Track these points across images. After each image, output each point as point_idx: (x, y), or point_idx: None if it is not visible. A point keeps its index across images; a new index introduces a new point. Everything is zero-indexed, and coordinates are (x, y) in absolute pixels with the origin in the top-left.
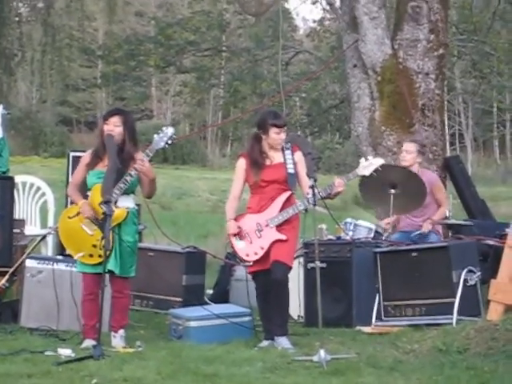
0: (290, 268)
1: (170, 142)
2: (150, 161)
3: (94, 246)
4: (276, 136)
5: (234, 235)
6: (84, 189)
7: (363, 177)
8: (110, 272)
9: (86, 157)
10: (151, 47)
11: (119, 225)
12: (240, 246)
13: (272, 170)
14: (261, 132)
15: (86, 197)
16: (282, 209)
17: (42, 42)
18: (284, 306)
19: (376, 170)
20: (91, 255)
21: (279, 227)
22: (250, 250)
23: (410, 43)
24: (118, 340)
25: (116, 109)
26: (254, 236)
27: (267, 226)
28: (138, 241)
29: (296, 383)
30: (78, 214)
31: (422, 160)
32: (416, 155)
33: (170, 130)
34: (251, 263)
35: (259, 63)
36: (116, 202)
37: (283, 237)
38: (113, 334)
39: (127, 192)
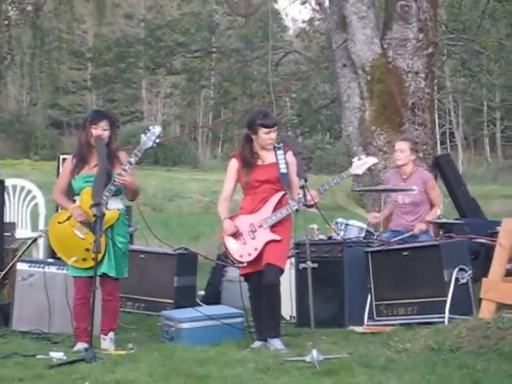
0: (282, 270)
1: (157, 140)
2: (139, 163)
3: (87, 249)
4: (265, 136)
5: (231, 235)
6: (69, 194)
7: (356, 176)
8: (104, 274)
9: (68, 163)
10: (141, 49)
11: (111, 226)
12: (234, 247)
13: (264, 170)
14: (250, 132)
15: (72, 201)
16: (276, 209)
17: (31, 44)
18: (276, 309)
19: (369, 169)
20: (84, 259)
21: (272, 228)
22: (243, 250)
23: (399, 42)
24: (107, 343)
25: (103, 112)
26: (248, 237)
27: (261, 226)
28: (129, 241)
29: None
30: (68, 218)
31: (416, 157)
32: (409, 153)
33: (157, 129)
34: (245, 264)
35: (249, 64)
36: (107, 204)
37: (277, 237)
38: (102, 336)
39: (115, 193)
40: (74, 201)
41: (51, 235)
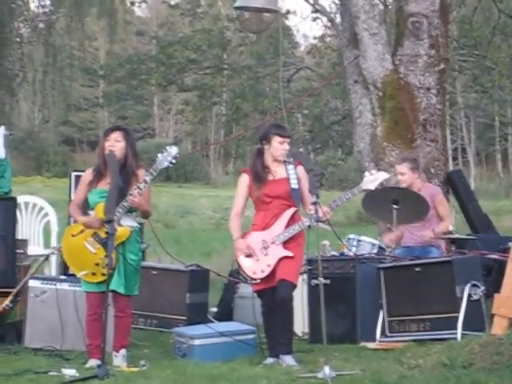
0: (295, 286)
1: (173, 161)
2: (152, 179)
3: (97, 264)
4: (279, 146)
5: (246, 255)
6: (86, 208)
7: (367, 191)
8: (114, 291)
9: (86, 175)
10: (153, 66)
11: (123, 243)
12: (247, 264)
13: (275, 185)
14: (264, 143)
15: (87, 215)
16: (288, 225)
17: (43, 62)
18: (288, 325)
19: (381, 184)
20: (94, 273)
21: (284, 244)
22: (256, 267)
23: (410, 58)
24: (119, 360)
25: (116, 125)
26: (261, 253)
27: (273, 243)
28: (141, 259)
29: None
30: (81, 231)
31: (420, 174)
32: (411, 173)
33: (173, 150)
34: (258, 281)
35: (261, 80)
36: (119, 221)
37: (290, 253)
38: (114, 353)
39: (130, 210)
40: (89, 215)
41: (64, 247)
